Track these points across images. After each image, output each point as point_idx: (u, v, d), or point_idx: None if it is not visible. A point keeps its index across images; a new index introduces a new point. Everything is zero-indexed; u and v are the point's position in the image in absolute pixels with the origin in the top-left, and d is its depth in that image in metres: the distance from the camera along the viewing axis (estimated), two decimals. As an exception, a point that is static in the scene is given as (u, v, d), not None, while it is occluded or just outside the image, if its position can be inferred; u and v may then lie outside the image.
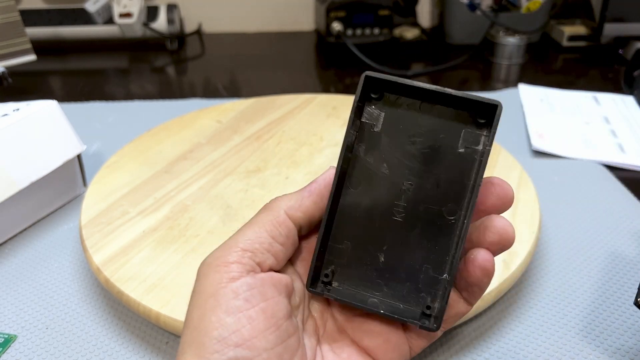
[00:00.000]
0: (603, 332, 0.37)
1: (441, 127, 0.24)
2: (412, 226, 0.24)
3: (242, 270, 0.22)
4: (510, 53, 0.87)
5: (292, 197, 0.25)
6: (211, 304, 0.21)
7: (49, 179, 0.49)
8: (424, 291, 0.24)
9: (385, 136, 0.25)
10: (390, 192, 0.24)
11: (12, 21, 0.74)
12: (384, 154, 0.25)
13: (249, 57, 0.95)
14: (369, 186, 0.25)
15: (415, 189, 0.24)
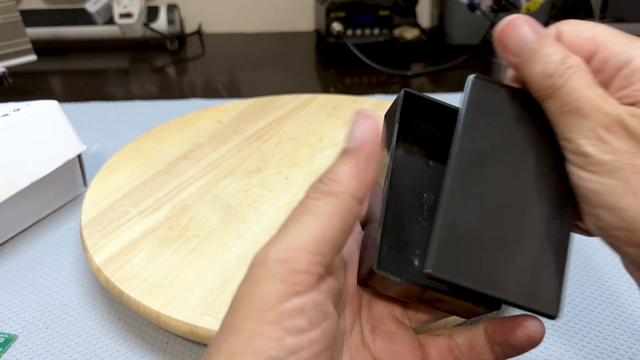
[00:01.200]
0: (603, 332, 0.37)
1: None
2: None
3: (310, 282, 0.19)
4: (510, 53, 0.87)
5: (349, 174, 0.21)
6: (271, 319, 0.18)
7: (49, 179, 0.49)
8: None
9: None
10: None
11: (13, 21, 0.74)
12: None
13: (249, 57, 0.95)
14: None
15: None
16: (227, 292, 0.36)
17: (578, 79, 0.21)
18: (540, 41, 0.22)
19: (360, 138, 0.21)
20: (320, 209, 0.20)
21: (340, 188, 0.20)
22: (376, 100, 0.63)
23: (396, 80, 0.82)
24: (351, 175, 0.21)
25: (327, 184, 0.20)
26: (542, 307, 0.22)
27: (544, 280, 0.22)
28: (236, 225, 0.43)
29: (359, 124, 0.21)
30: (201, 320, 0.34)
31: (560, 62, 0.21)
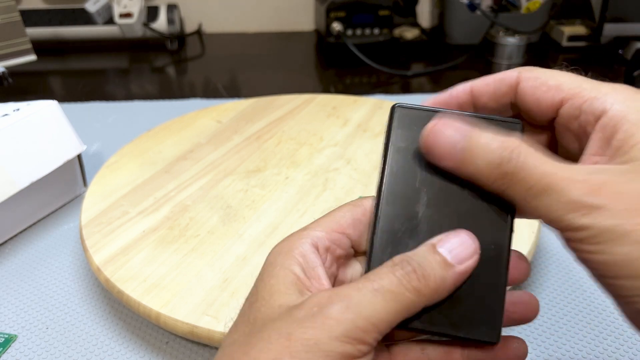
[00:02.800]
0: (603, 332, 0.37)
1: None
2: None
3: (368, 350, 0.20)
4: (510, 53, 0.87)
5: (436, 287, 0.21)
6: None
7: (49, 179, 0.49)
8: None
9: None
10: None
11: (13, 21, 0.74)
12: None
13: (249, 57, 0.95)
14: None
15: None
16: (227, 292, 0.36)
17: (530, 157, 0.20)
18: (469, 137, 0.21)
19: (462, 260, 0.21)
20: (403, 300, 0.20)
21: (425, 291, 0.21)
22: (376, 100, 0.63)
23: (396, 80, 0.82)
24: (437, 290, 0.21)
25: (421, 282, 0.21)
26: (483, 336, 0.22)
27: (482, 308, 0.22)
28: (236, 225, 0.43)
29: (466, 244, 0.22)
30: (201, 320, 0.34)
31: (500, 148, 0.21)
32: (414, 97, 0.74)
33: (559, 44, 0.93)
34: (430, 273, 0.21)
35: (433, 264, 0.21)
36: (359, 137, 0.55)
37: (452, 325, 0.22)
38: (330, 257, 0.23)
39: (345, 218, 0.24)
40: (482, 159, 0.21)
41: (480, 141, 0.21)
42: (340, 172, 0.50)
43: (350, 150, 0.53)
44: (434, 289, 0.21)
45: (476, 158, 0.21)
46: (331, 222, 0.24)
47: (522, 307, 0.24)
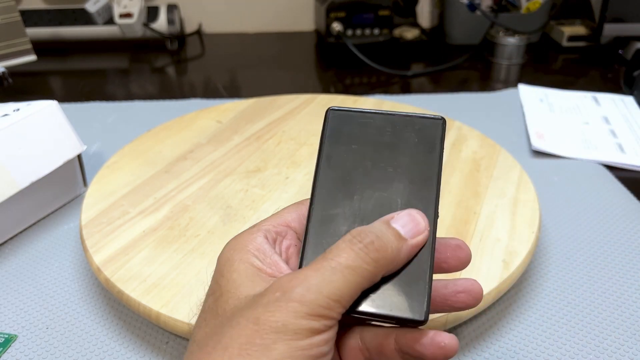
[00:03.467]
0: (603, 332, 0.37)
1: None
2: None
3: (334, 323, 0.21)
4: (510, 53, 0.87)
5: (393, 256, 0.23)
6: (303, 346, 0.20)
7: (49, 179, 0.49)
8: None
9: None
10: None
11: (13, 21, 0.74)
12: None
13: (249, 57, 0.95)
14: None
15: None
16: (227, 292, 0.36)
17: None
18: None
19: (414, 234, 0.23)
20: (362, 273, 0.22)
21: (382, 262, 0.22)
22: (376, 100, 0.63)
23: (396, 80, 0.82)
24: (393, 261, 0.22)
25: (379, 253, 0.22)
26: (411, 314, 0.23)
27: (410, 289, 0.23)
28: (236, 225, 0.43)
29: (417, 221, 0.24)
30: (201, 320, 0.34)
31: None
32: (414, 97, 0.74)
33: (559, 44, 0.93)
34: (387, 244, 0.22)
35: (389, 236, 0.23)
36: (359, 137, 0.55)
37: (382, 306, 0.23)
38: (278, 247, 0.25)
39: (291, 214, 0.26)
40: None
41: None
42: (340, 172, 0.50)
43: (350, 150, 0.53)
44: (390, 259, 0.22)
45: None
46: (278, 219, 0.26)
47: (465, 295, 0.25)
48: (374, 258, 0.22)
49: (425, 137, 0.26)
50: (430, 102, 0.72)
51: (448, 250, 0.25)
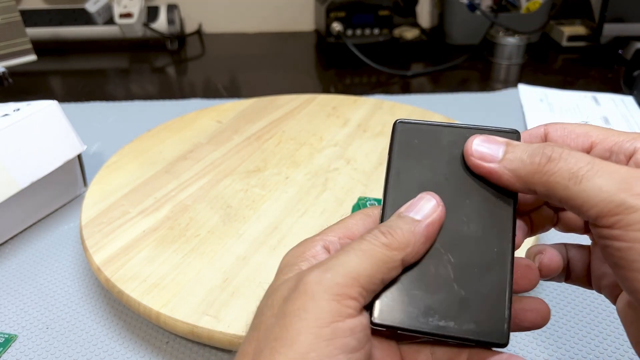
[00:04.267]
0: (603, 332, 0.37)
1: None
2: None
3: (358, 308, 0.21)
4: (510, 53, 0.87)
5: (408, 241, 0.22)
6: (326, 335, 0.19)
7: (49, 179, 0.49)
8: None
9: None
10: None
11: (13, 21, 0.74)
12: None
13: (249, 57, 0.95)
14: None
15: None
16: (227, 292, 0.36)
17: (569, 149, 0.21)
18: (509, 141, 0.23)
19: (427, 215, 0.23)
20: (375, 255, 0.21)
21: (395, 245, 0.22)
22: (376, 101, 0.63)
23: (396, 80, 0.82)
24: (409, 242, 0.22)
25: (388, 238, 0.22)
26: (492, 337, 0.22)
27: (489, 311, 0.22)
28: (236, 225, 0.43)
29: (428, 202, 0.23)
30: (201, 320, 0.34)
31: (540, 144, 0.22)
32: (413, 97, 0.74)
33: (559, 44, 0.93)
34: (396, 229, 0.22)
35: (399, 223, 0.22)
36: (359, 137, 0.55)
37: (462, 329, 0.22)
38: None
39: (357, 225, 0.25)
40: (524, 151, 0.22)
41: (520, 143, 0.23)
42: (340, 172, 0.50)
43: (350, 150, 0.53)
44: (404, 241, 0.22)
45: (519, 152, 0.22)
46: (343, 229, 0.25)
47: (533, 315, 0.24)
48: (385, 242, 0.22)
49: None
50: (430, 102, 0.72)
51: (518, 270, 0.24)
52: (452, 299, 0.23)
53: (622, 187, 0.19)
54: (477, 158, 0.23)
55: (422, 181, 0.25)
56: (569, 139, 0.24)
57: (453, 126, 0.25)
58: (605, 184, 0.20)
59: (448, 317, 0.22)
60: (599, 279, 0.25)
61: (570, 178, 0.20)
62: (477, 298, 0.23)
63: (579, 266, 0.26)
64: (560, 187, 0.21)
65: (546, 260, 0.25)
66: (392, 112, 0.60)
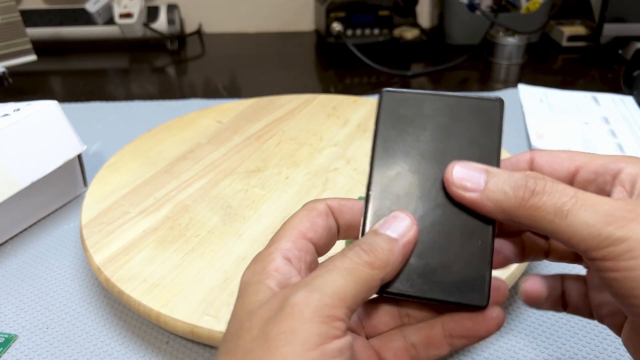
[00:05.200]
0: (602, 332, 0.37)
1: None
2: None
3: (344, 328, 0.20)
4: (510, 53, 0.87)
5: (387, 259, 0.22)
6: (315, 358, 0.19)
7: (49, 179, 0.49)
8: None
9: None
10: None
11: (13, 21, 0.74)
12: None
13: (249, 57, 0.95)
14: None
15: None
16: (227, 292, 0.36)
17: (555, 182, 0.22)
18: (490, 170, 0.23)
19: (403, 234, 0.23)
20: (359, 274, 0.21)
21: (377, 264, 0.22)
22: (376, 100, 0.63)
23: (396, 80, 0.82)
24: (388, 262, 0.22)
25: (370, 256, 0.22)
26: (473, 300, 0.23)
27: (471, 275, 0.23)
28: (236, 225, 0.43)
29: (402, 222, 0.23)
30: (201, 320, 0.34)
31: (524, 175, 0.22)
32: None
33: (559, 44, 0.93)
34: (377, 248, 0.22)
35: (378, 241, 0.22)
36: (359, 137, 0.55)
37: (442, 290, 0.23)
38: (304, 265, 0.24)
39: (304, 223, 0.25)
40: (507, 183, 0.22)
41: (502, 171, 0.23)
42: (340, 172, 0.50)
43: (350, 150, 0.53)
44: (385, 260, 0.22)
45: (501, 183, 0.22)
46: (292, 231, 0.24)
47: (493, 293, 0.24)
48: (367, 261, 0.22)
49: (484, 119, 0.25)
50: (430, 102, 0.72)
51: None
52: (434, 264, 0.23)
53: (607, 220, 0.20)
54: (457, 187, 0.23)
55: (409, 150, 0.25)
56: (555, 163, 0.24)
57: (437, 95, 0.26)
58: (591, 217, 0.20)
59: (431, 281, 0.23)
60: (598, 308, 0.25)
61: (556, 213, 0.21)
62: (459, 263, 0.23)
63: (576, 296, 0.26)
64: (546, 222, 0.21)
65: (527, 286, 0.26)
66: (392, 112, 0.60)
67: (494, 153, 0.25)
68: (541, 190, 0.21)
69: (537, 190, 0.21)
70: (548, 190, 0.21)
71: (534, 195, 0.21)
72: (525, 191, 0.22)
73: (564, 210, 0.21)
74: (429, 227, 0.24)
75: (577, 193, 0.21)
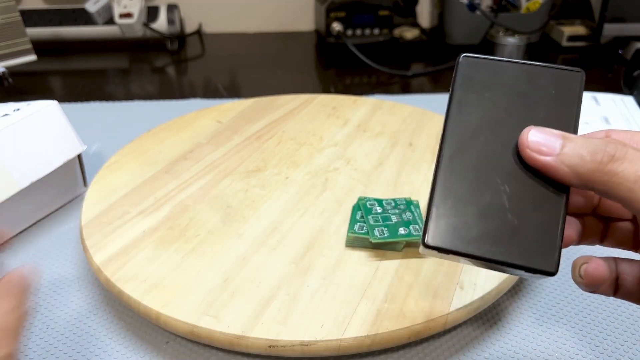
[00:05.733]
0: (602, 332, 0.37)
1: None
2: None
3: None
4: (510, 53, 0.87)
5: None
6: None
7: (49, 179, 0.49)
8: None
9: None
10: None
11: (13, 21, 0.74)
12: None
13: (249, 57, 0.95)
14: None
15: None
16: (227, 292, 0.36)
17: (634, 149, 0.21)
18: (566, 135, 0.22)
19: None
20: None
21: None
22: (376, 101, 0.63)
23: (396, 81, 0.82)
24: None
25: None
26: (543, 265, 0.22)
27: (541, 240, 0.23)
28: (236, 225, 0.43)
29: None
30: (201, 320, 0.34)
31: (603, 140, 0.21)
32: (414, 97, 0.74)
33: (559, 44, 0.93)
34: None
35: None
36: (359, 137, 0.55)
37: (511, 254, 0.23)
38: None
39: None
40: (585, 147, 0.21)
41: (579, 137, 0.22)
42: (340, 172, 0.50)
43: (350, 150, 0.53)
44: None
45: (579, 147, 0.21)
46: None
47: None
48: None
49: (563, 89, 0.25)
50: (430, 102, 0.72)
51: None
52: (505, 227, 0.23)
53: None
54: (532, 150, 0.22)
55: (484, 115, 0.25)
56: (632, 141, 0.23)
57: (516, 62, 0.26)
58: None
59: (500, 244, 0.23)
60: None
61: (636, 180, 0.20)
62: (530, 228, 0.23)
63: (629, 280, 0.25)
64: (623, 189, 0.20)
65: (591, 269, 0.25)
66: (392, 112, 0.60)
67: (571, 122, 0.24)
68: (622, 156, 0.20)
69: (617, 155, 0.20)
70: (629, 157, 0.20)
71: (613, 160, 0.20)
72: (604, 155, 0.21)
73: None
74: (500, 191, 0.23)
75: None
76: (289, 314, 0.34)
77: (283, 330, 0.33)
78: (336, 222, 0.43)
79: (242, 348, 0.33)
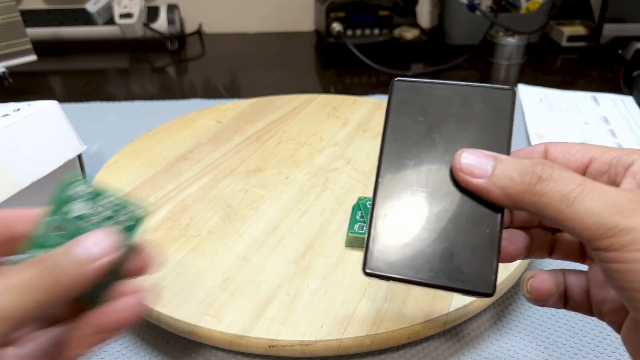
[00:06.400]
0: (602, 332, 0.37)
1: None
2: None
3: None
4: (510, 53, 0.87)
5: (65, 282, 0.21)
6: None
7: (49, 179, 0.49)
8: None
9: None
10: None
11: (13, 21, 0.74)
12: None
13: (249, 57, 0.95)
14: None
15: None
16: (227, 292, 0.36)
17: (563, 168, 0.21)
18: (497, 156, 0.23)
19: (97, 257, 0.22)
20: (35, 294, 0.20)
21: (57, 288, 0.21)
22: (376, 101, 0.63)
23: (396, 81, 0.82)
24: (70, 285, 0.21)
25: (53, 277, 0.21)
26: (480, 287, 0.23)
27: (478, 263, 0.23)
28: (236, 225, 0.43)
29: (102, 242, 0.22)
30: (201, 320, 0.34)
31: (532, 162, 0.22)
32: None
33: (559, 44, 0.93)
34: (63, 272, 0.21)
35: (68, 262, 0.21)
36: (359, 137, 0.56)
37: (449, 277, 0.23)
38: None
39: None
40: (514, 168, 0.22)
41: (510, 158, 0.23)
42: (340, 172, 0.50)
43: (350, 150, 0.53)
44: (68, 286, 0.21)
45: (509, 169, 0.22)
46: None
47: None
48: (48, 285, 0.20)
49: (495, 108, 0.25)
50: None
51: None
52: (442, 250, 0.23)
53: (613, 209, 0.19)
54: (465, 173, 0.23)
55: (419, 139, 0.25)
56: (569, 154, 0.24)
57: (448, 84, 0.26)
58: (597, 206, 0.20)
59: (437, 268, 0.23)
60: (599, 305, 0.25)
61: (562, 200, 0.20)
62: (466, 250, 0.23)
63: (577, 292, 0.26)
64: (551, 209, 0.21)
65: (536, 283, 0.25)
66: (392, 112, 0.60)
67: (504, 142, 0.24)
68: (548, 177, 0.21)
69: (544, 176, 0.21)
70: (555, 177, 0.21)
71: (540, 181, 0.21)
72: (532, 177, 0.21)
73: (570, 198, 0.20)
74: (436, 215, 0.24)
75: (585, 181, 0.21)
76: (289, 314, 0.34)
77: (283, 330, 0.33)
78: (336, 222, 0.43)
79: (242, 348, 0.33)
